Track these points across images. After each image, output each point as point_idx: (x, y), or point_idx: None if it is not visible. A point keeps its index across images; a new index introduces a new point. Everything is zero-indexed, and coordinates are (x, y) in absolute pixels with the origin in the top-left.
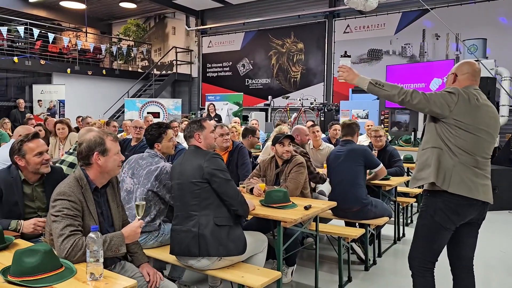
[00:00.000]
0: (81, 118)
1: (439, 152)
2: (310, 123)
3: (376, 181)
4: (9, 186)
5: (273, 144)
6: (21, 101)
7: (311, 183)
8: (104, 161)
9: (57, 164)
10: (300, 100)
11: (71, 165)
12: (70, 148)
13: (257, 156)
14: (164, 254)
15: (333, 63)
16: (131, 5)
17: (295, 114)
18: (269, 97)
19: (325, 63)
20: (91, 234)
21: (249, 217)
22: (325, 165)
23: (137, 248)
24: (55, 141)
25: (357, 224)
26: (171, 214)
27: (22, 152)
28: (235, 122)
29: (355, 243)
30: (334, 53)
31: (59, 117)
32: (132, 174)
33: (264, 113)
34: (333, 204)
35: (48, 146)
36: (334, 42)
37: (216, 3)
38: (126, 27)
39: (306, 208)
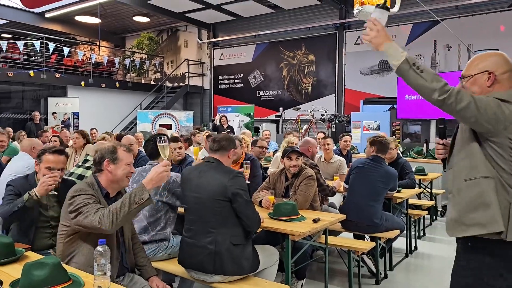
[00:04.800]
0: (94, 130)
1: (496, 185)
2: (321, 135)
3: (390, 194)
4: (25, 192)
5: (282, 157)
6: (37, 113)
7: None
8: (114, 168)
9: (65, 176)
10: (311, 111)
11: (80, 177)
12: (79, 161)
13: (267, 168)
14: (173, 267)
15: (344, 75)
16: (144, 19)
17: (306, 126)
18: (280, 108)
19: (336, 75)
20: (99, 248)
21: (258, 230)
22: (335, 177)
23: (145, 261)
24: (70, 152)
25: (367, 237)
26: (180, 227)
27: (40, 159)
28: (243, 133)
29: (366, 256)
30: (345, 64)
31: (73, 129)
32: None
33: (275, 124)
34: (342, 217)
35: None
36: (345, 54)
37: (228, 16)
38: (139, 40)
39: (315, 221)
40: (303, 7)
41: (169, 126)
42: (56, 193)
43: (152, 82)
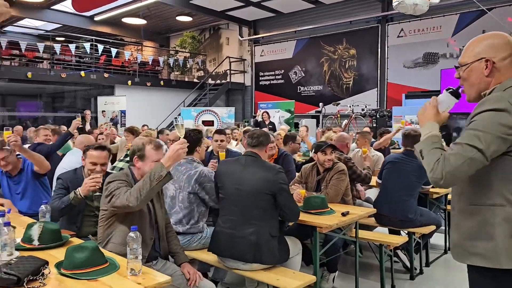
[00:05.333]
0: (146, 127)
1: (508, 213)
2: (367, 129)
3: (425, 189)
4: (74, 185)
5: (315, 152)
6: (88, 112)
7: (356, 189)
8: (142, 165)
9: (109, 170)
10: (350, 106)
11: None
12: (121, 156)
13: (302, 163)
14: (207, 256)
15: (387, 68)
16: (187, 18)
17: (345, 121)
18: (320, 104)
19: (378, 69)
20: (131, 234)
21: (290, 223)
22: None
23: (178, 249)
24: (116, 148)
25: (403, 232)
26: (214, 218)
27: (85, 155)
28: (282, 130)
29: (400, 251)
30: (387, 58)
31: (121, 127)
32: (173, 180)
33: (315, 120)
34: (372, 211)
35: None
36: (387, 47)
37: (268, 12)
38: (182, 39)
39: (344, 214)
40: (344, 1)
41: (211, 123)
42: (100, 193)
43: (195, 80)
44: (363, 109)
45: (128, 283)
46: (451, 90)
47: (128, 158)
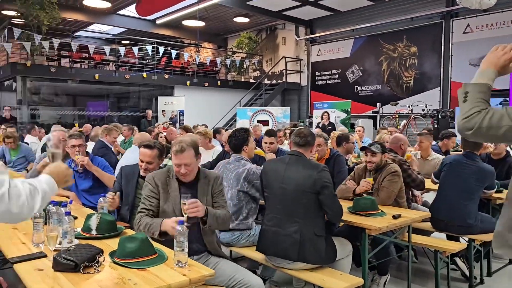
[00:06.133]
0: (198, 125)
1: None
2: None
3: (488, 194)
4: (129, 178)
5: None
6: (149, 111)
7: (412, 194)
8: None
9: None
10: (409, 106)
11: None
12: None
13: (355, 164)
14: (256, 254)
15: (451, 66)
16: (244, 20)
17: (404, 122)
18: (378, 104)
19: (442, 67)
20: (178, 227)
21: (340, 224)
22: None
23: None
24: None
25: (462, 239)
26: (261, 217)
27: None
28: (340, 131)
29: (459, 259)
30: (451, 55)
31: (179, 126)
32: (222, 178)
33: (372, 120)
34: (427, 215)
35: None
36: (451, 44)
37: (325, 11)
38: (239, 40)
39: (395, 217)
40: None
41: (266, 123)
42: None
43: (251, 80)
44: (423, 109)
45: (174, 274)
46: None
47: None
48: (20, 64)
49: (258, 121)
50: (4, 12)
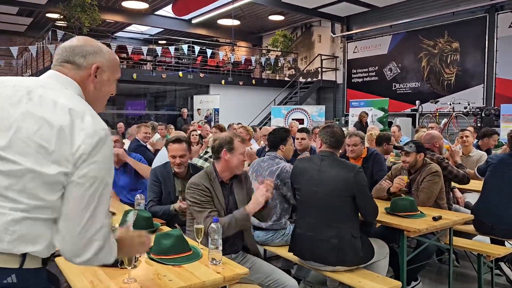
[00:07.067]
0: (233, 124)
1: None
2: (471, 129)
3: None
4: (164, 178)
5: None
6: (185, 110)
7: (454, 195)
8: (230, 157)
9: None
10: (450, 104)
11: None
12: (200, 153)
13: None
14: (290, 254)
15: (495, 62)
16: (279, 17)
17: (445, 120)
18: (417, 102)
19: (485, 63)
20: (213, 225)
21: (377, 225)
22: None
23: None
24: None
25: (507, 242)
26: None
27: (167, 149)
28: (372, 128)
29: (504, 263)
30: (496, 51)
31: (214, 124)
32: (256, 176)
33: (410, 119)
34: (469, 217)
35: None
36: (496, 39)
37: (362, 7)
38: (274, 38)
39: (435, 219)
40: None
41: (301, 121)
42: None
43: (286, 78)
44: (465, 107)
45: (208, 271)
46: None
47: (206, 156)
48: None
49: (293, 120)
50: (48, 15)
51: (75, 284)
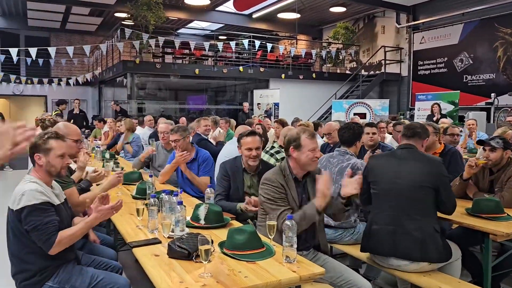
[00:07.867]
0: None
1: None
2: None
3: None
4: (234, 173)
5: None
6: (246, 104)
7: None
8: (298, 155)
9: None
10: None
11: None
12: (267, 148)
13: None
14: (359, 253)
15: None
16: (341, 9)
17: None
18: (492, 94)
19: None
20: (287, 222)
21: (454, 226)
22: None
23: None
24: (272, 139)
25: None
26: (365, 215)
27: (240, 143)
28: (442, 123)
29: None
30: None
31: (274, 119)
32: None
33: (485, 113)
34: None
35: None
36: None
37: None
38: (335, 31)
39: None
40: None
41: (363, 115)
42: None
43: (347, 72)
44: None
45: (283, 269)
46: None
47: (272, 151)
48: (130, 61)
49: (355, 114)
50: (116, 14)
51: (153, 275)
